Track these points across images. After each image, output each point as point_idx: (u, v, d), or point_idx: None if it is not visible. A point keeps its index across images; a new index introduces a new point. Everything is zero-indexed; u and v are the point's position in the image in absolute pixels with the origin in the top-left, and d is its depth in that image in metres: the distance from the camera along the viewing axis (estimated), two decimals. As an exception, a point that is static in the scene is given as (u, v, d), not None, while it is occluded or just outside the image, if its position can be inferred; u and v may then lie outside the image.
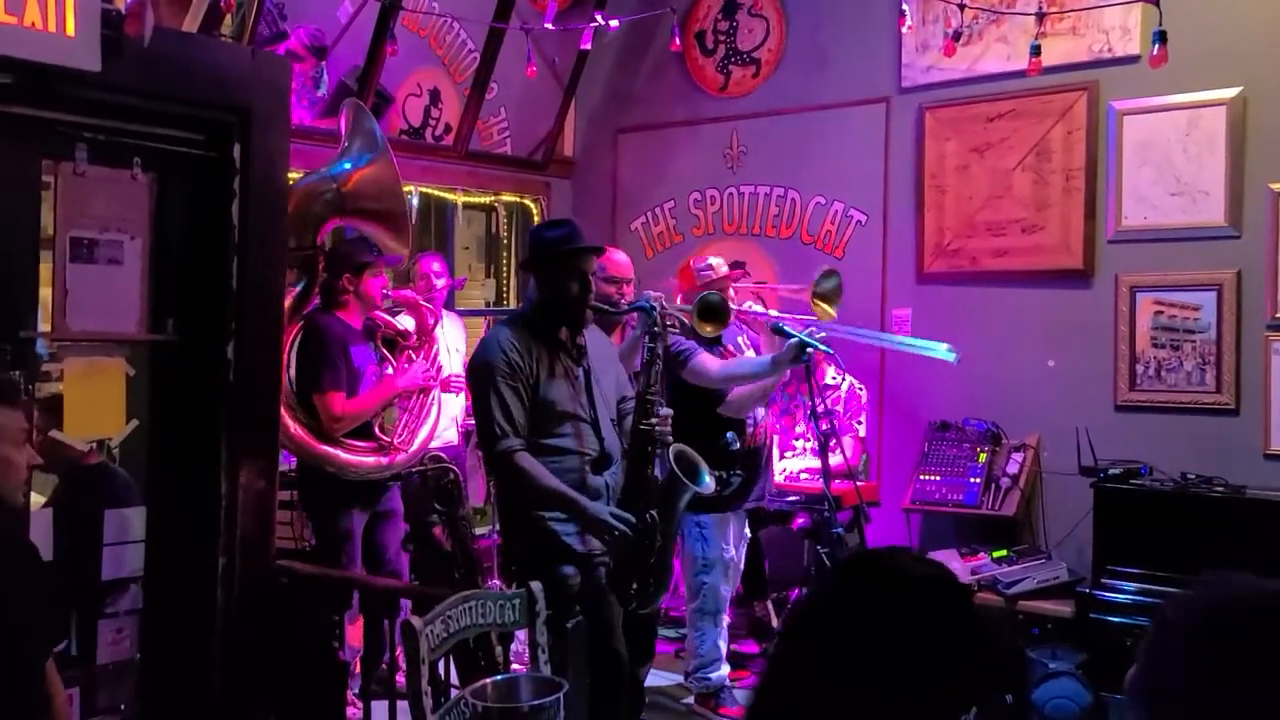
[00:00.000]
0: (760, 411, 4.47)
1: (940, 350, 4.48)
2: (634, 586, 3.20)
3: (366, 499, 4.23)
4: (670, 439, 3.26)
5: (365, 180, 3.95)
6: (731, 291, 4.50)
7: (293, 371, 4.11)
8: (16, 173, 2.78)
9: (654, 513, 3.19)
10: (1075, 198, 4.75)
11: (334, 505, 4.14)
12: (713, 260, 4.53)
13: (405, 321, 4.50)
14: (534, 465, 3.17)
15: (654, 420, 3.24)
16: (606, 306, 3.69)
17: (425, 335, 4.48)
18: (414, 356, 4.41)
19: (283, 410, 3.87)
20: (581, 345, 3.36)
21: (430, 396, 4.42)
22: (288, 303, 3.88)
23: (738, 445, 4.35)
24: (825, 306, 4.34)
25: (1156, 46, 3.79)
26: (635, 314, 4.40)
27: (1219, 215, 4.42)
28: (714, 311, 3.87)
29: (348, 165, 3.97)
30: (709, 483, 3.33)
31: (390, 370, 4.34)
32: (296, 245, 3.81)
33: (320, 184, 3.97)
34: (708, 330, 3.80)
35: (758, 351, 4.51)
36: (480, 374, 3.25)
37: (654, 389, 3.27)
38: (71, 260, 2.91)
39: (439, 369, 4.50)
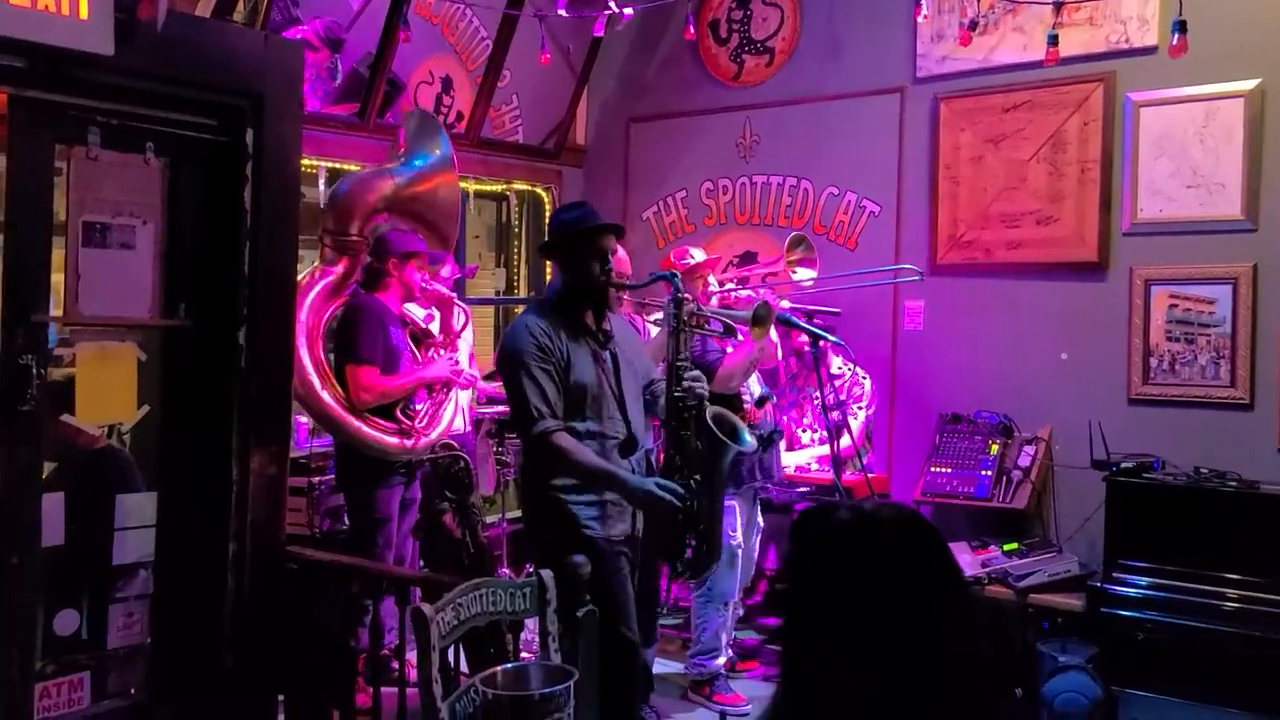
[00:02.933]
0: (755, 390, 4.49)
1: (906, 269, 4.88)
2: (687, 553, 3.18)
3: (400, 483, 4.30)
4: (705, 397, 3.22)
5: (426, 191, 4.29)
6: (712, 279, 4.56)
7: (331, 346, 4.28)
8: (30, 157, 2.78)
9: (697, 477, 3.17)
10: (1090, 190, 4.71)
11: (374, 488, 4.22)
12: (693, 251, 4.70)
13: (432, 324, 4.61)
14: (573, 444, 3.15)
15: (687, 383, 3.21)
16: (627, 282, 3.69)
17: (449, 335, 4.57)
18: (440, 353, 4.50)
19: (316, 382, 4.07)
20: (607, 329, 3.34)
21: (450, 392, 4.49)
22: (329, 283, 4.19)
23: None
24: (805, 271, 4.66)
25: (1176, 36, 3.76)
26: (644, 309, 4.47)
27: (1235, 208, 4.39)
28: (762, 319, 3.93)
29: (419, 163, 4.24)
30: (750, 441, 3.29)
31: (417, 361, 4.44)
32: (341, 230, 4.16)
33: (378, 179, 4.25)
34: (756, 333, 3.85)
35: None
36: (511, 359, 3.22)
37: (684, 356, 3.25)
38: (84, 245, 2.91)
39: (459, 366, 4.55)
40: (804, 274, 4.70)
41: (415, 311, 4.54)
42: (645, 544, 3.32)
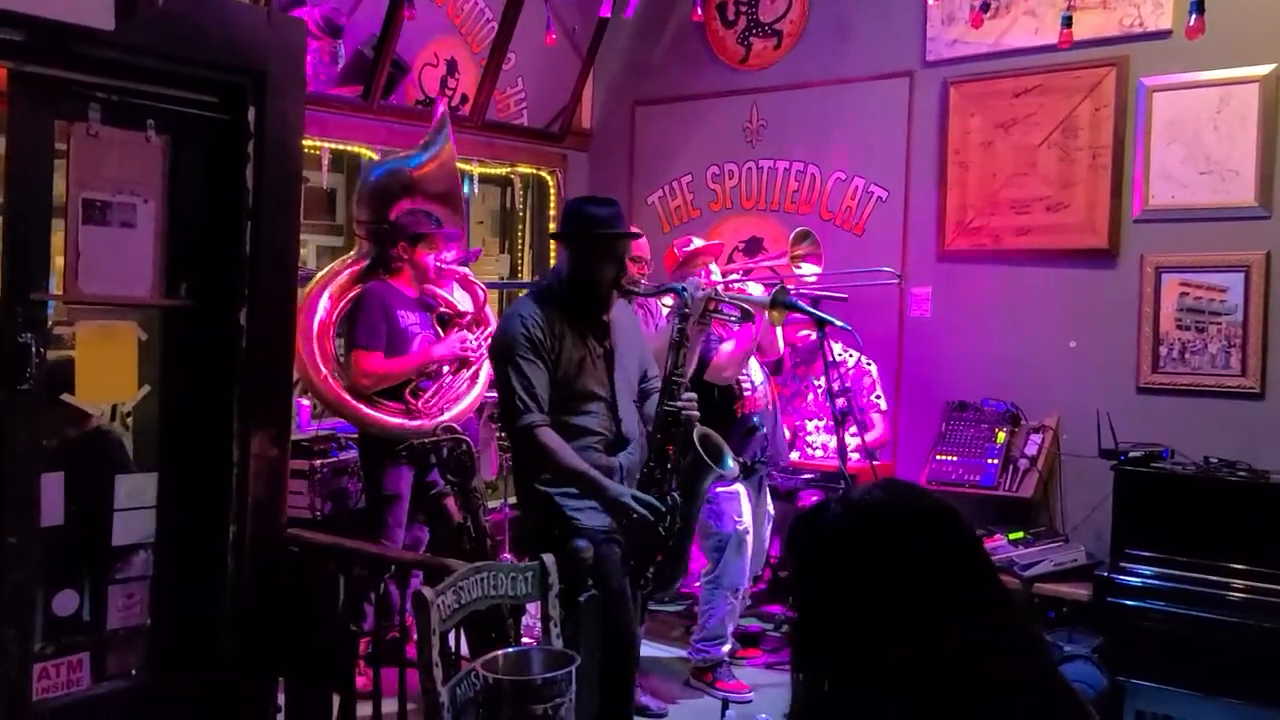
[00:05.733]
0: (757, 377, 4.45)
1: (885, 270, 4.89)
2: (651, 570, 3.16)
3: (416, 462, 4.29)
4: (695, 419, 3.21)
5: (434, 166, 4.49)
6: (714, 267, 4.53)
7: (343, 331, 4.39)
8: (29, 133, 2.74)
9: (676, 495, 3.15)
10: (1101, 175, 4.66)
11: (386, 465, 4.23)
12: (695, 239, 4.68)
13: (463, 302, 4.60)
14: (556, 441, 3.12)
15: (679, 402, 3.19)
16: (636, 288, 3.64)
17: (480, 313, 4.60)
18: (467, 335, 4.51)
19: (322, 365, 4.19)
20: (606, 323, 3.30)
21: (468, 373, 4.48)
22: (354, 271, 4.38)
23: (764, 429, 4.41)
24: (809, 266, 4.61)
25: (1194, 16, 3.71)
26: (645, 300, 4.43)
27: (1249, 195, 4.34)
28: (781, 303, 3.87)
29: (425, 156, 4.50)
30: (732, 466, 3.29)
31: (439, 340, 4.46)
32: (374, 219, 4.42)
33: (400, 167, 4.51)
34: (774, 317, 3.80)
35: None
36: (502, 349, 3.21)
37: (680, 370, 3.22)
38: (84, 222, 2.88)
39: (481, 347, 4.53)
40: (808, 269, 4.66)
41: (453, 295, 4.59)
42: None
